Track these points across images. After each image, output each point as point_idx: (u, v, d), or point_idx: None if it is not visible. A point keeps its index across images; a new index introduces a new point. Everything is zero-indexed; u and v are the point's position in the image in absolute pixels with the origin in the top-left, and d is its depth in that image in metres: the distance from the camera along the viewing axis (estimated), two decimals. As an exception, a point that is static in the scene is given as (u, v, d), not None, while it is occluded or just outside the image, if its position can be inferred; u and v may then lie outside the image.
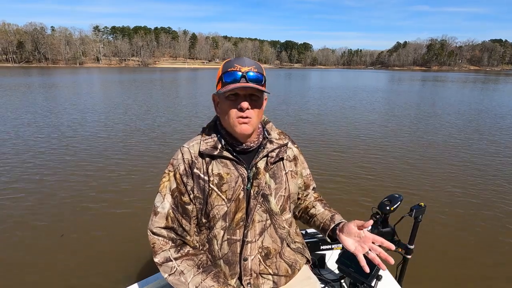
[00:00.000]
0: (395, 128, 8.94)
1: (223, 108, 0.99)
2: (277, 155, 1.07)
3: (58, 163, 5.52)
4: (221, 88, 0.97)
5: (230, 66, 0.95)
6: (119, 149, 6.42)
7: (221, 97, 0.98)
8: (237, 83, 0.93)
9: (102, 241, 3.14)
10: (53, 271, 2.68)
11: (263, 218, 1.05)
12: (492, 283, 2.62)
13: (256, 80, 0.95)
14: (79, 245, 3.06)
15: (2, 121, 9.18)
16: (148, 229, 1.04)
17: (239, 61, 0.96)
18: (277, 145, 1.08)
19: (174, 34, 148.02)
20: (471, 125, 9.55)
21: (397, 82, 34.59)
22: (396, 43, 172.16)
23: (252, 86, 0.93)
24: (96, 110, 11.49)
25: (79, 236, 3.22)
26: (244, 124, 0.96)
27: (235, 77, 0.94)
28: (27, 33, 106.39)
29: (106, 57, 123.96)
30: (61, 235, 3.20)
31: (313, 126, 8.98)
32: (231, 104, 0.97)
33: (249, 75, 0.94)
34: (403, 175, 5.11)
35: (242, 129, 0.97)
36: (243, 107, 0.94)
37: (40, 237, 3.20)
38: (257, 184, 1.02)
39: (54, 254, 2.91)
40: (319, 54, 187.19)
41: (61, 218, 3.59)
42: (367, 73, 74.42)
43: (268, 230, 1.07)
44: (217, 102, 1.05)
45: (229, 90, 0.93)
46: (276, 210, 1.07)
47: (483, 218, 3.70)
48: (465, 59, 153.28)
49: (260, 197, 1.03)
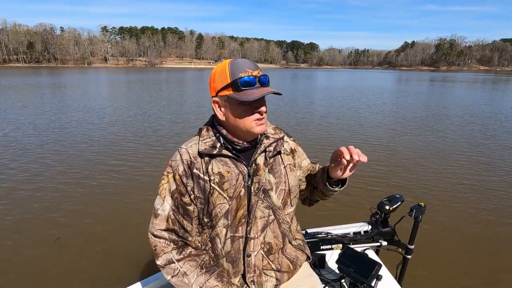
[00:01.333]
0: (395, 128, 8.91)
1: (238, 113, 0.96)
2: (274, 149, 1.08)
3: (58, 162, 5.61)
4: (234, 92, 0.94)
5: (240, 71, 0.93)
6: (122, 149, 6.49)
7: (232, 101, 0.95)
8: (252, 87, 0.93)
9: (102, 242, 3.13)
10: (53, 271, 2.68)
11: (265, 214, 1.06)
12: (492, 283, 2.61)
13: (267, 82, 0.97)
14: (78, 246, 3.05)
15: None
16: (149, 232, 1.04)
17: (246, 65, 0.94)
18: (274, 139, 1.09)
19: (181, 34, 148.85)
20: (474, 125, 9.44)
21: (404, 83, 34.20)
22: (404, 42, 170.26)
23: (272, 91, 0.94)
24: (95, 112, 11.53)
25: (78, 237, 3.21)
26: (261, 125, 0.99)
27: (251, 82, 0.93)
28: (37, 34, 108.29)
29: (113, 57, 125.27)
30: (56, 239, 3.16)
31: (315, 127, 8.98)
32: (247, 109, 0.95)
33: (262, 78, 0.95)
34: (403, 175, 5.11)
35: (262, 129, 0.99)
36: (263, 111, 0.96)
37: (38, 239, 3.18)
38: (258, 180, 1.03)
39: (54, 255, 2.90)
40: (326, 54, 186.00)
41: (61, 218, 3.58)
42: (374, 73, 73.73)
43: (271, 225, 1.08)
44: (223, 106, 1.00)
45: (257, 97, 0.91)
46: (279, 205, 1.08)
47: (483, 218, 3.69)
48: (474, 59, 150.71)
49: (261, 193, 1.04)
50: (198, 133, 1.08)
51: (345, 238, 1.63)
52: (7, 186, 4.45)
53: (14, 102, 13.35)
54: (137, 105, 13.21)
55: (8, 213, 3.69)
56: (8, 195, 4.17)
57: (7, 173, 4.96)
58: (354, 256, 1.36)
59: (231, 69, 0.94)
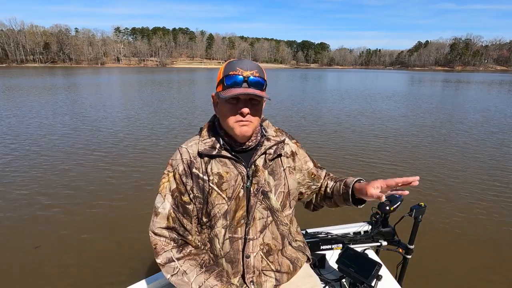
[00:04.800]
0: (396, 128, 8.82)
1: (223, 110, 0.99)
2: (274, 151, 1.09)
3: (58, 162, 5.70)
4: (222, 90, 0.96)
5: (232, 69, 0.94)
6: (121, 149, 6.52)
7: (221, 99, 0.97)
8: (238, 87, 0.93)
9: (101, 242, 3.12)
10: (53, 271, 2.67)
11: (264, 215, 1.06)
12: (492, 283, 2.58)
13: (257, 84, 0.95)
14: (77, 246, 3.04)
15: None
16: (150, 230, 1.04)
17: (241, 64, 0.95)
18: (274, 142, 1.09)
19: (192, 35, 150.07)
20: (476, 126, 9.26)
21: (417, 84, 33.50)
22: (417, 42, 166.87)
23: (253, 93, 0.93)
24: (87, 111, 11.65)
25: (77, 237, 3.20)
26: (244, 126, 0.97)
27: (236, 81, 0.93)
28: (53, 35, 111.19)
29: (126, 57, 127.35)
30: (36, 247, 3.01)
31: (318, 127, 8.93)
32: (231, 108, 0.96)
33: (251, 79, 0.94)
34: (403, 175, 5.02)
35: (242, 131, 0.98)
36: (244, 112, 0.95)
37: (37, 238, 3.19)
38: (257, 181, 1.03)
39: (54, 255, 2.88)
40: (336, 54, 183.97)
41: (60, 218, 3.58)
42: (386, 73, 72.53)
43: (270, 227, 1.08)
44: (216, 103, 1.05)
45: (231, 96, 0.92)
46: (277, 207, 1.08)
47: (484, 218, 3.66)
48: (491, 59, 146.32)
49: (260, 195, 1.04)
50: (199, 133, 1.10)
51: (345, 238, 1.64)
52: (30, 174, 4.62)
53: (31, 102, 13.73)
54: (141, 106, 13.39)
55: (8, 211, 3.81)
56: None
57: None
58: (354, 256, 1.37)
59: (226, 67, 0.97)
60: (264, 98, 0.99)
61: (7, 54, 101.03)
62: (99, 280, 2.58)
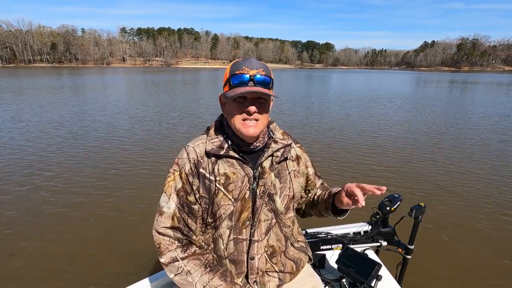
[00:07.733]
0: (396, 128, 8.79)
1: (230, 110, 0.99)
2: (282, 154, 1.09)
3: (61, 160, 5.79)
4: (228, 90, 0.97)
5: (238, 69, 0.95)
6: (121, 149, 6.53)
7: (228, 98, 0.98)
8: (244, 86, 0.93)
9: (101, 242, 3.13)
10: (53, 271, 2.69)
11: (268, 217, 1.06)
12: (492, 283, 2.57)
13: (264, 83, 0.95)
14: (78, 246, 3.05)
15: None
16: (154, 230, 1.03)
17: (247, 63, 0.95)
18: (282, 145, 1.09)
19: (197, 35, 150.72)
20: (477, 127, 9.18)
21: (422, 85, 33.19)
22: (423, 42, 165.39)
23: (260, 91, 0.92)
24: (87, 112, 11.58)
25: (78, 237, 3.21)
26: (251, 127, 0.97)
27: (243, 80, 0.93)
28: (60, 35, 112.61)
29: (131, 58, 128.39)
30: (10, 254, 2.91)
31: (320, 128, 8.91)
32: (238, 107, 0.96)
33: (257, 78, 0.93)
34: (404, 175, 5.05)
35: (249, 132, 0.97)
36: (251, 111, 0.95)
37: (35, 236, 3.20)
38: (263, 183, 1.03)
39: (54, 256, 2.89)
40: (341, 54, 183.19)
41: (60, 218, 3.59)
42: (391, 74, 71.98)
43: (274, 229, 1.08)
44: (223, 103, 1.05)
45: (237, 94, 0.92)
46: (281, 209, 1.09)
47: (483, 218, 3.65)
48: (499, 59, 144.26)
49: (266, 197, 1.04)
50: (206, 132, 1.09)
51: (345, 238, 1.64)
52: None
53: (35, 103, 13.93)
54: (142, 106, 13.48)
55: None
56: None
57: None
58: (354, 256, 1.37)
59: (232, 67, 0.97)
60: (271, 97, 1.00)
61: (15, 54, 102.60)
62: (99, 280, 2.60)
